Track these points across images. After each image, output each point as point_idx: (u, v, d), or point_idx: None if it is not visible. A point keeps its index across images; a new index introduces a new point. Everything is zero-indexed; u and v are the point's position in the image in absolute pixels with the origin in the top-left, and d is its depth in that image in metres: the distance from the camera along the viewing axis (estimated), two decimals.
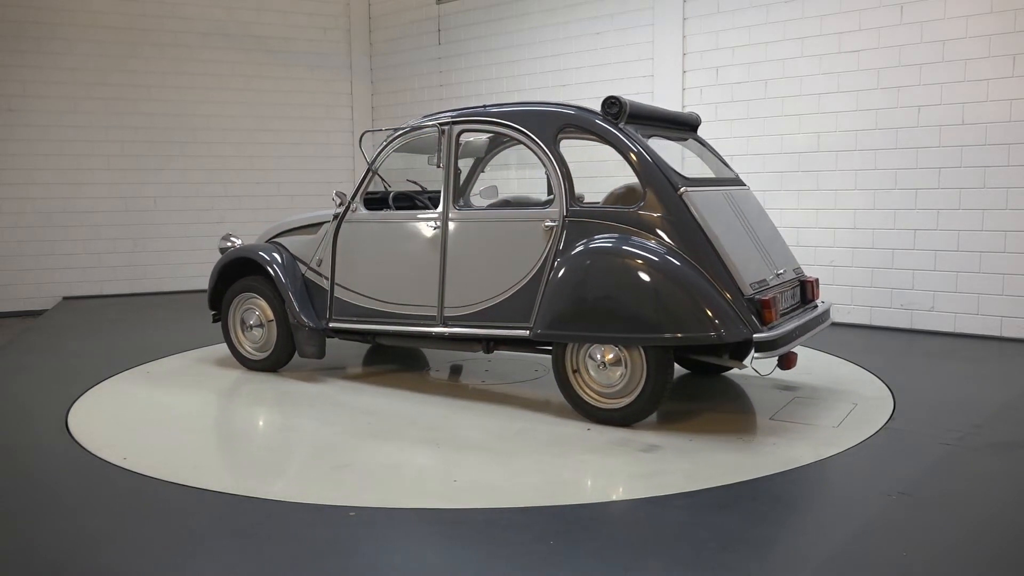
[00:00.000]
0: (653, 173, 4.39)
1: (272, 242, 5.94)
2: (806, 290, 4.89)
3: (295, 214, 6.14)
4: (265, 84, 10.61)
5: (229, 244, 6.11)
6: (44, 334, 7.58)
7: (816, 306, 4.91)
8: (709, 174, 5.24)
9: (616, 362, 4.38)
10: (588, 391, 4.48)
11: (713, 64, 7.92)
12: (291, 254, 5.76)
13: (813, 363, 5.83)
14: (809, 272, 5.46)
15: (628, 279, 4.25)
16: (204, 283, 10.12)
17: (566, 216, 4.56)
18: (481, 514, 3.30)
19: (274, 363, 5.78)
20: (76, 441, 4.28)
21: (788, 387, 5.11)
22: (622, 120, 4.58)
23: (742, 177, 7.79)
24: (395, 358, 6.22)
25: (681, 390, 5.13)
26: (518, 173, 8.82)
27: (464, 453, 4.06)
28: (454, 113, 5.12)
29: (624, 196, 4.73)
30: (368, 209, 5.48)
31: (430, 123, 5.17)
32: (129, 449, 4.12)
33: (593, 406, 4.46)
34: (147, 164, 10.05)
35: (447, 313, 4.99)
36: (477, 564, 2.86)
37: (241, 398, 5.25)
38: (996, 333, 6.54)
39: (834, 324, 7.25)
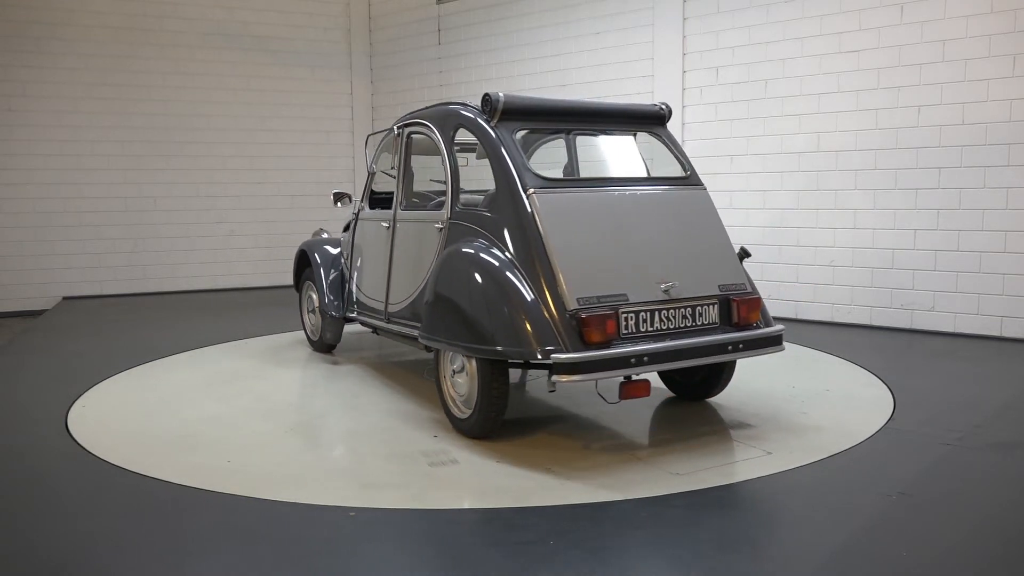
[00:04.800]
0: (504, 173, 4.19)
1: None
2: (732, 310, 4.20)
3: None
4: (265, 84, 10.61)
5: (319, 238, 6.70)
6: (44, 334, 7.57)
7: (751, 327, 4.21)
8: (659, 173, 4.78)
9: (460, 371, 4.26)
10: (451, 399, 4.39)
11: (713, 64, 7.92)
12: (339, 248, 6.32)
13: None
14: (810, 275, 5.25)
15: (451, 286, 4.20)
16: (203, 283, 10.35)
17: (450, 218, 4.57)
18: (478, 514, 3.31)
19: (324, 346, 6.35)
20: (76, 441, 4.28)
21: (744, 424, 4.40)
22: (495, 119, 4.39)
23: (730, 176, 7.73)
24: None
25: (633, 414, 4.65)
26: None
27: (280, 440, 4.27)
28: (405, 115, 5.34)
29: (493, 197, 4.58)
30: (371, 208, 5.82)
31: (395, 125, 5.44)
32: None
33: (453, 415, 4.35)
34: (147, 164, 10.05)
35: (390, 309, 5.23)
36: (477, 564, 2.86)
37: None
38: (996, 333, 6.54)
39: (834, 324, 7.28)
